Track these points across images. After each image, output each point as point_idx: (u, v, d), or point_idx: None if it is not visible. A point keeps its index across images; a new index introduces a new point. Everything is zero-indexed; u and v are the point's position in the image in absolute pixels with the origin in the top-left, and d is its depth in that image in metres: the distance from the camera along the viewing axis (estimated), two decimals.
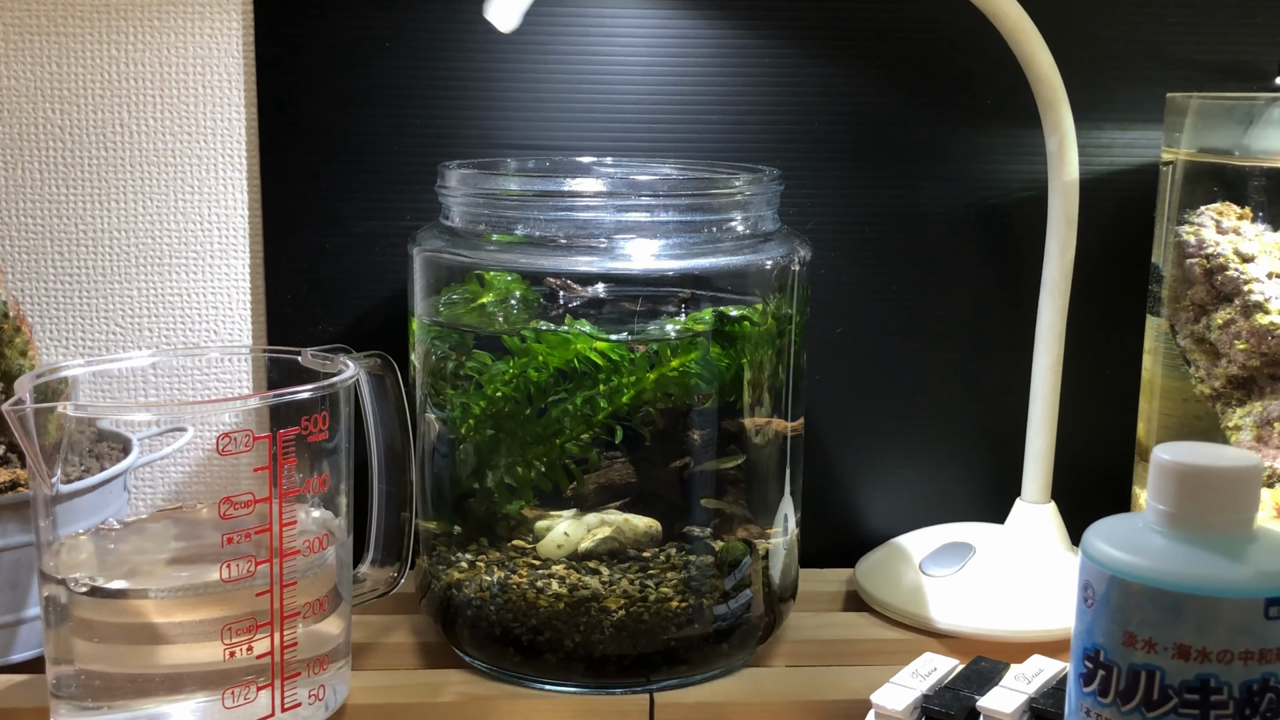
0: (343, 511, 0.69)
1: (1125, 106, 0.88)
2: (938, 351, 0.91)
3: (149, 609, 0.63)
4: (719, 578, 0.73)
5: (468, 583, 0.74)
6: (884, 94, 0.88)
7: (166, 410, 0.83)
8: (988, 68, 0.87)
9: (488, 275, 0.73)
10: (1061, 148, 0.80)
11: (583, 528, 0.73)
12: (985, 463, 0.93)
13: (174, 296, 0.87)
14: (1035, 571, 0.83)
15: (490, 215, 0.72)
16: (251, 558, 0.63)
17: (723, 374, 0.72)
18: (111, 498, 0.73)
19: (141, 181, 0.86)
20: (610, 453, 0.73)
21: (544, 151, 0.86)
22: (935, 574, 0.83)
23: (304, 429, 0.64)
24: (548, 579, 0.72)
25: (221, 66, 0.85)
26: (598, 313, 0.73)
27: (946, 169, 0.89)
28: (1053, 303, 0.82)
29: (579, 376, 0.71)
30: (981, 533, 0.87)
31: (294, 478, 0.64)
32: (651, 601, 0.71)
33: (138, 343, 0.88)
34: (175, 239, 0.87)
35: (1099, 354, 0.91)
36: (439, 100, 0.85)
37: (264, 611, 0.64)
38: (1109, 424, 0.91)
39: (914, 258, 0.90)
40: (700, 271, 0.72)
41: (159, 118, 0.85)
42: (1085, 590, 0.54)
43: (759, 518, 0.76)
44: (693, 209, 0.71)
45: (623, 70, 0.86)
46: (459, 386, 0.74)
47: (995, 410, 0.92)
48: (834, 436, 0.92)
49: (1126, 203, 0.89)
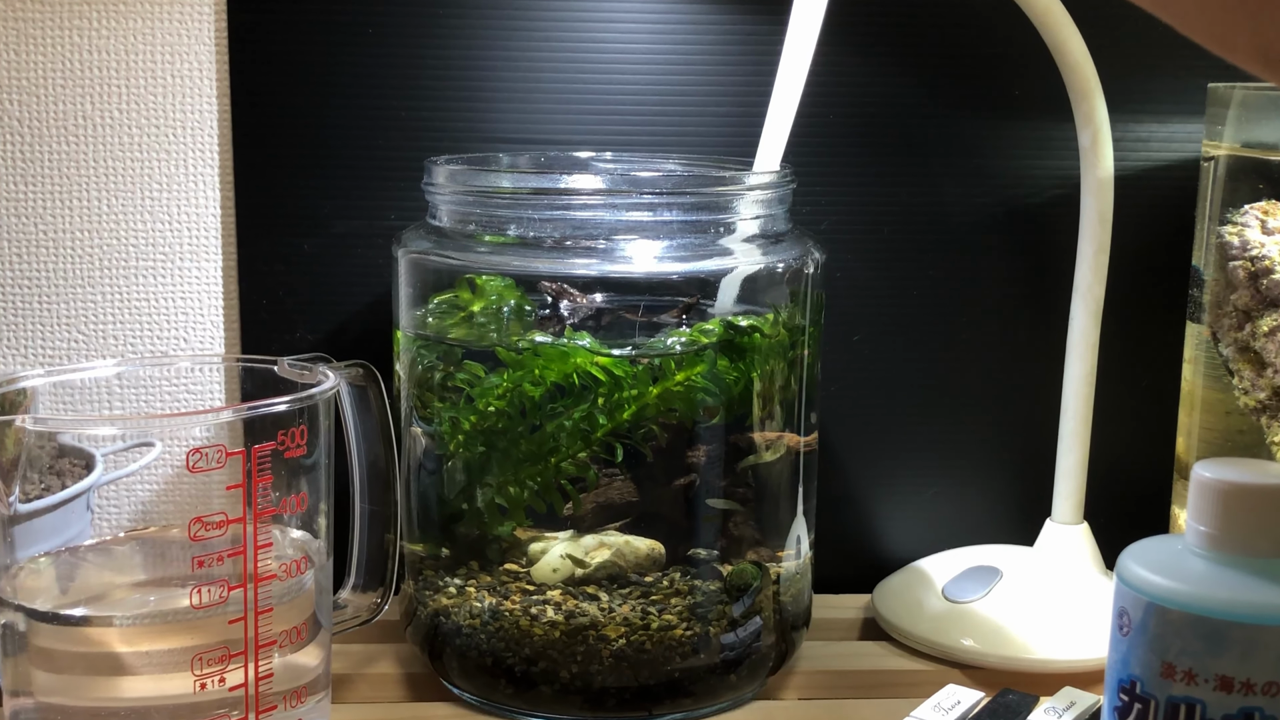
0: (322, 533, 0.69)
1: (1164, 97, 0.89)
2: (962, 361, 0.91)
3: (113, 637, 0.63)
4: (726, 604, 0.73)
5: (456, 609, 0.74)
6: (904, 84, 0.88)
7: (133, 424, 0.83)
8: (1016, 55, 0.87)
9: (478, 280, 0.74)
10: (1095, 142, 0.80)
11: (580, 550, 0.74)
12: (1013, 480, 0.93)
13: (141, 302, 0.88)
14: (1067, 597, 0.83)
15: (481, 214, 0.73)
16: (224, 582, 0.63)
17: (731, 388, 0.72)
18: (74, 518, 0.73)
19: (106, 178, 0.86)
20: (609, 470, 0.73)
21: (539, 146, 0.86)
22: (959, 600, 0.83)
23: (281, 444, 0.65)
24: (542, 605, 0.72)
25: (191, 54, 0.85)
26: (596, 322, 0.73)
27: (971, 165, 0.89)
28: (1085, 309, 0.83)
29: (578, 392, 0.71)
30: (1009, 556, 0.88)
31: (270, 496, 0.64)
32: (654, 629, 0.72)
33: (102, 351, 0.88)
34: (142, 240, 0.87)
35: (1135, 364, 0.91)
36: (426, 90, 0.86)
37: (237, 640, 0.64)
38: (1146, 439, 0.92)
39: (936, 260, 0.90)
40: (706, 275, 0.72)
41: (124, 109, 0.86)
42: (1120, 618, 0.54)
43: (770, 539, 0.76)
44: (698, 208, 0.72)
45: (623, 58, 0.86)
46: (448, 399, 0.74)
47: (1024, 424, 0.92)
48: (850, 452, 0.92)
49: (1165, 201, 0.90)
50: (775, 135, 0.76)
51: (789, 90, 0.75)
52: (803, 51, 0.75)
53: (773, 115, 0.76)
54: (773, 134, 0.76)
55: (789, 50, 0.75)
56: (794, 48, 0.75)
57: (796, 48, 0.75)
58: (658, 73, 0.86)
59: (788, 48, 0.75)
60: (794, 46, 0.75)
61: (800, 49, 0.75)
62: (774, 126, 0.76)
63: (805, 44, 0.75)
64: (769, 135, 0.76)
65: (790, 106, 0.75)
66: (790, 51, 0.75)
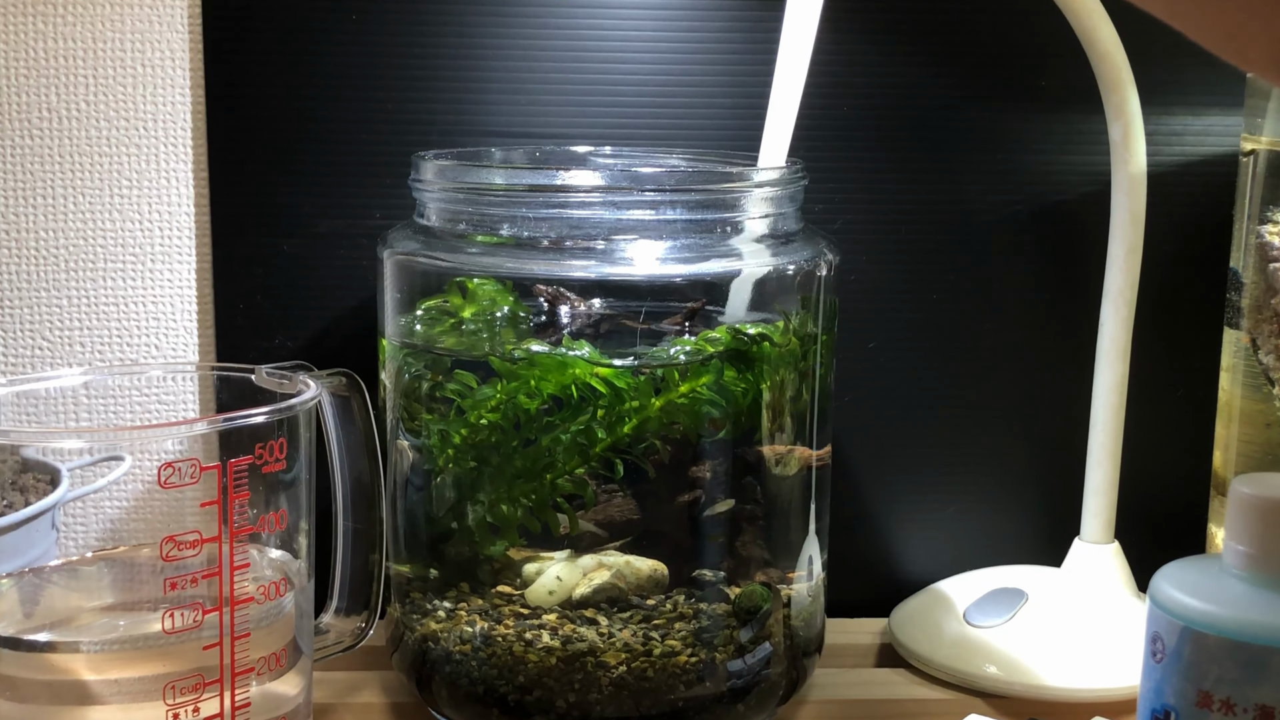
0: (303, 553, 0.69)
1: (1200, 88, 0.89)
2: (985, 370, 0.91)
3: (80, 664, 0.63)
4: (734, 628, 0.74)
5: (446, 634, 0.74)
6: (923, 74, 0.88)
7: (101, 436, 0.83)
8: (1042, 44, 0.87)
9: (469, 283, 0.74)
10: (1127, 135, 0.81)
11: (578, 571, 0.74)
12: (1039, 497, 0.93)
13: (109, 306, 0.88)
14: (1096, 622, 0.83)
15: (472, 213, 0.73)
16: (198, 606, 0.63)
17: (738, 400, 0.72)
18: (38, 537, 0.73)
19: (72, 175, 0.86)
20: (608, 486, 0.74)
21: (534, 140, 0.87)
22: (982, 624, 0.83)
23: (258, 458, 0.65)
24: (537, 630, 0.72)
25: (164, 42, 0.86)
26: (594, 329, 0.73)
27: (995, 160, 0.89)
28: (1117, 314, 0.83)
29: (576, 404, 0.71)
30: (1035, 577, 0.88)
31: (247, 514, 0.65)
32: (656, 656, 0.72)
33: (68, 359, 0.88)
34: (111, 240, 0.87)
35: (1170, 372, 0.91)
36: (414, 80, 0.86)
37: (212, 667, 0.64)
38: (1181, 452, 0.92)
39: (958, 262, 0.90)
40: (712, 278, 0.72)
41: (92, 101, 0.86)
42: (1154, 643, 0.54)
43: (780, 560, 0.76)
44: (703, 206, 0.72)
45: (624, 46, 0.86)
46: (436, 410, 0.74)
47: (1050, 437, 0.92)
48: (866, 467, 0.92)
49: (1201, 199, 0.90)
50: (779, 127, 0.76)
51: (791, 78, 0.75)
52: (804, 34, 0.74)
53: (775, 106, 0.76)
54: (776, 126, 0.76)
55: (788, 33, 0.75)
56: (793, 30, 0.75)
57: (796, 30, 0.74)
58: (661, 61, 0.87)
59: (786, 30, 0.75)
60: (793, 28, 0.75)
61: (800, 31, 0.74)
62: (777, 118, 0.76)
63: (805, 25, 0.74)
64: (772, 127, 0.76)
65: (794, 95, 0.75)
66: (790, 34, 0.75)
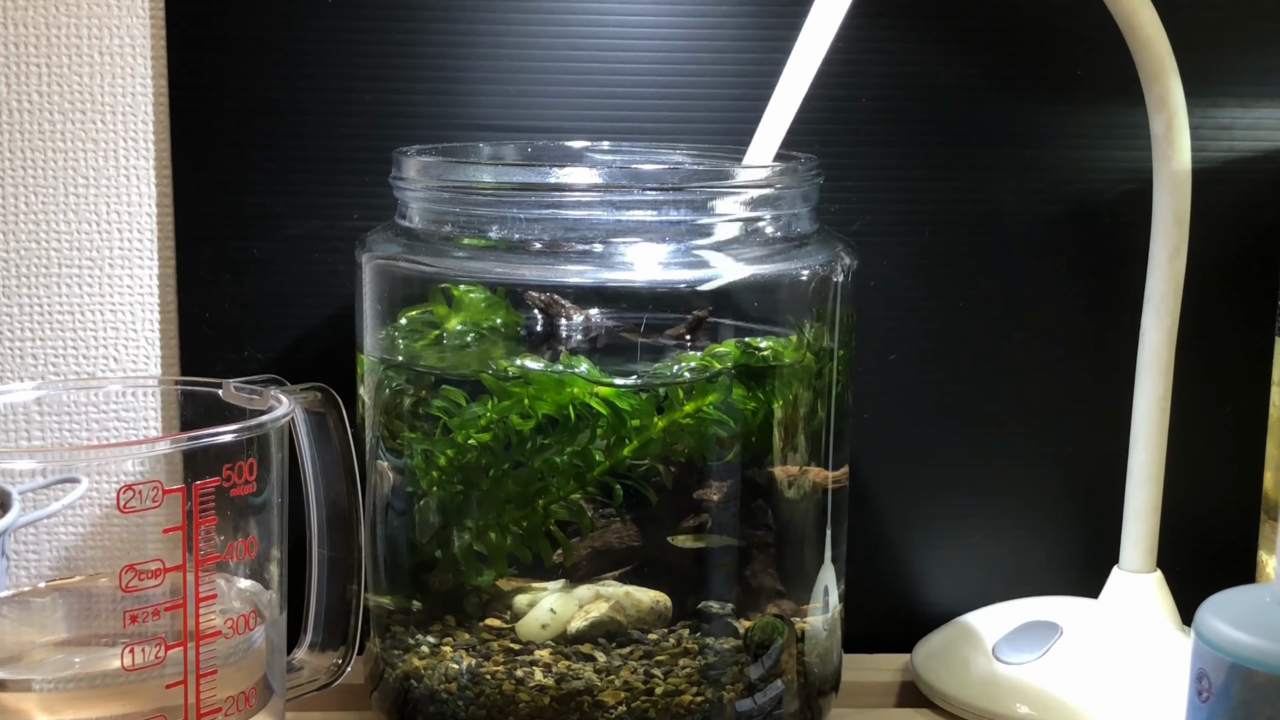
0: (274, 583, 0.69)
1: (1248, 78, 0.89)
2: (1015, 384, 0.92)
3: (32, 704, 0.63)
4: (743, 665, 0.74)
5: (430, 671, 0.74)
6: (949, 62, 0.88)
7: (55, 456, 0.83)
8: (1079, 30, 0.87)
9: (455, 290, 0.74)
10: (1170, 129, 0.81)
11: (573, 603, 0.74)
12: (1075, 522, 0.93)
13: (64, 315, 0.88)
14: (1137, 658, 0.83)
15: (458, 214, 0.73)
16: (161, 640, 0.63)
17: (748, 419, 0.72)
18: None
19: (24, 172, 0.87)
20: (606, 510, 0.74)
21: (525, 135, 0.87)
22: (1013, 661, 0.83)
23: (226, 480, 0.65)
24: (530, 667, 0.72)
25: (124, 28, 0.86)
26: (591, 342, 0.73)
27: (1027, 156, 0.89)
28: (1159, 323, 0.83)
29: (573, 425, 0.71)
30: (1070, 609, 0.88)
31: (214, 541, 0.65)
32: (659, 695, 0.72)
33: (18, 372, 0.88)
34: (66, 244, 0.87)
35: (1216, 386, 0.92)
36: (395, 71, 0.86)
37: (176, 708, 0.64)
38: (1229, 474, 0.92)
39: (985, 267, 0.90)
40: (718, 284, 0.72)
41: (45, 92, 0.86)
42: (1199, 681, 0.54)
43: (793, 590, 0.76)
44: (709, 206, 0.72)
45: (623, 33, 0.86)
46: (420, 429, 0.74)
47: (1087, 457, 0.92)
48: (886, 489, 0.92)
49: (1250, 198, 0.90)
50: (777, 121, 0.75)
51: (803, 67, 0.75)
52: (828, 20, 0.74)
53: (780, 96, 0.75)
54: (775, 119, 0.75)
55: (813, 18, 0.75)
56: (819, 14, 0.74)
57: (821, 15, 0.74)
58: (663, 49, 0.87)
59: (812, 14, 0.75)
60: (820, 13, 0.74)
61: (825, 17, 0.74)
62: (778, 110, 0.75)
63: (832, 12, 0.74)
64: (770, 120, 0.75)
65: (801, 87, 0.75)
66: (815, 19, 0.74)
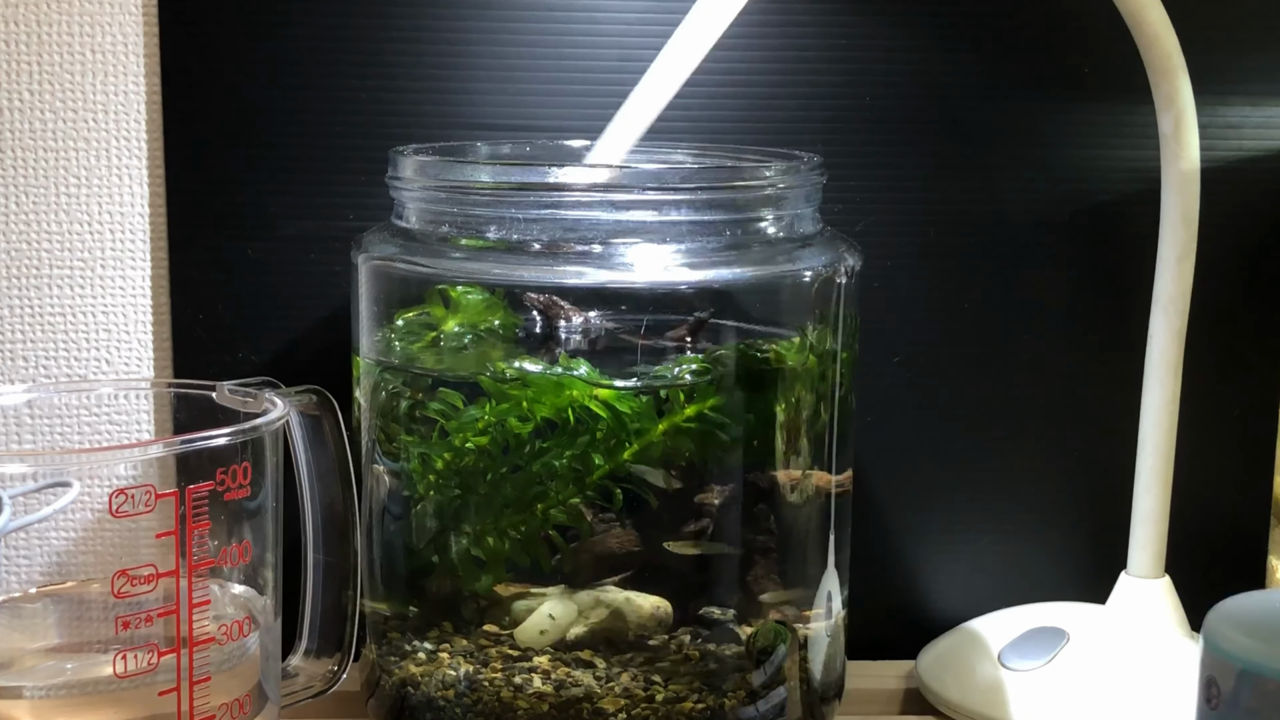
0: (269, 588, 0.69)
1: (1259, 76, 0.89)
2: (1022, 387, 0.91)
3: (23, 712, 0.63)
4: (745, 672, 0.74)
5: (427, 678, 0.74)
6: (954, 62, 0.88)
7: (46, 460, 0.83)
8: (1085, 27, 0.87)
9: (452, 291, 0.74)
10: (1178, 128, 0.81)
11: (572, 609, 0.74)
12: (1081, 527, 0.93)
13: (55, 317, 0.88)
14: (1145, 664, 0.83)
15: (456, 214, 0.73)
16: (153, 647, 0.63)
17: (749, 423, 0.72)
18: None
19: (14, 172, 0.87)
20: (606, 515, 0.74)
21: (524, 134, 0.87)
22: (1018, 667, 0.83)
23: (220, 484, 0.65)
24: (528, 674, 0.72)
25: (115, 25, 0.86)
26: (590, 345, 0.73)
27: (1033, 155, 0.89)
28: (1168, 325, 0.83)
29: (572, 428, 0.71)
30: (1077, 615, 0.88)
31: (207, 545, 0.65)
32: (659, 702, 0.72)
33: (9, 375, 0.88)
34: (57, 244, 0.87)
35: (1226, 389, 0.91)
36: (392, 69, 0.86)
37: (169, 715, 0.64)
38: (1238, 477, 0.92)
39: (991, 268, 0.90)
40: (721, 285, 0.72)
41: (36, 91, 0.86)
42: (1209, 688, 0.54)
43: (796, 596, 0.76)
44: (711, 206, 0.72)
45: (623, 31, 0.86)
46: (417, 432, 0.74)
47: (1094, 461, 0.92)
48: (890, 494, 0.92)
49: (1260, 198, 0.90)
50: (635, 116, 0.75)
51: (677, 61, 0.74)
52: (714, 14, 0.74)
53: (644, 90, 0.75)
54: (633, 114, 0.75)
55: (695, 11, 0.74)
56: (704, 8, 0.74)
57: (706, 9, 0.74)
58: (662, 47, 0.87)
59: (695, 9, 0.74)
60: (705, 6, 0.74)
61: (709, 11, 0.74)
62: (639, 104, 0.75)
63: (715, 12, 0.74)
64: (627, 114, 0.75)
65: (673, 82, 0.74)
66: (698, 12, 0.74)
